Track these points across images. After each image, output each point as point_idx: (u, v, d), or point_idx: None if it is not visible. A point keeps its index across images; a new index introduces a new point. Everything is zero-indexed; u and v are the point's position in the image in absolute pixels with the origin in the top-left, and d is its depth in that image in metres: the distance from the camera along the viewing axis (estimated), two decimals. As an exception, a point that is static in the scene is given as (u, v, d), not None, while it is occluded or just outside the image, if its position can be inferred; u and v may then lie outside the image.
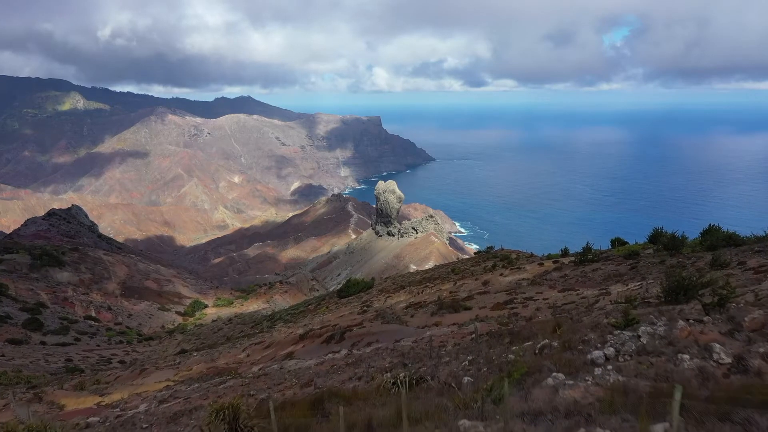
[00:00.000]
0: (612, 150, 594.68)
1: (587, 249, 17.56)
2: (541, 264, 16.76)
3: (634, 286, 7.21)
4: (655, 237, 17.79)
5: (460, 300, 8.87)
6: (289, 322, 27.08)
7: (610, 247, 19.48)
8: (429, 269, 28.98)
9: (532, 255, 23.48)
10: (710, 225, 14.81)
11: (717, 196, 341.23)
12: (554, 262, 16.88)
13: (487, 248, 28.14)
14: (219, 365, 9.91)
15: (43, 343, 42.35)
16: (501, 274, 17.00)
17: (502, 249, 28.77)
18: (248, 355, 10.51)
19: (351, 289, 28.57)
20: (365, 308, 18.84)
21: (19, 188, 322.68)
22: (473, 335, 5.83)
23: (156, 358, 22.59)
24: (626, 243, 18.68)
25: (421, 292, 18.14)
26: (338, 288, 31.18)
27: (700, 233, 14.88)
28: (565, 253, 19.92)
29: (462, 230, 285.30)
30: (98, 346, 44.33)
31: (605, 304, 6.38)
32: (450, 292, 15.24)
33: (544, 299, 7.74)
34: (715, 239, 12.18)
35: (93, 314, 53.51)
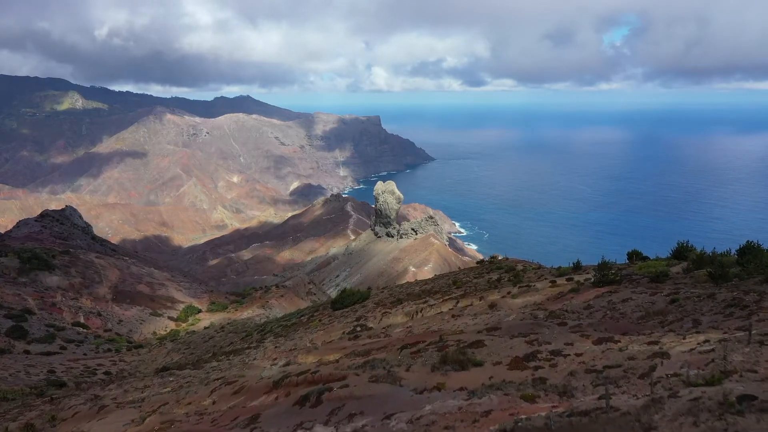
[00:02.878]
0: (612, 150, 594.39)
1: (604, 265, 15.89)
2: (553, 282, 15.08)
3: (699, 344, 5.56)
4: (680, 252, 16.16)
5: (467, 346, 7.23)
6: (279, 336, 25.46)
7: (627, 261, 17.83)
8: (428, 280, 27.41)
9: (539, 267, 21.77)
10: (748, 242, 13.10)
11: (717, 196, 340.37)
12: (567, 280, 15.20)
13: (491, 258, 26.54)
14: (175, 418, 8.38)
15: (27, 352, 40.66)
16: (509, 293, 15.31)
17: (507, 258, 27.15)
18: (214, 402, 8.91)
19: (346, 300, 26.93)
20: (358, 329, 17.20)
21: (17, 188, 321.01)
22: (492, 435, 4.24)
23: (130, 384, 20.93)
24: (646, 258, 16.95)
25: (420, 312, 16.48)
26: (333, 298, 29.50)
27: (737, 252, 13.24)
28: (577, 267, 18.23)
29: (461, 230, 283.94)
30: (85, 355, 42.64)
31: (670, 376, 4.74)
32: (453, 315, 13.57)
33: (576, 355, 6.11)
34: (775, 267, 10.40)
35: (82, 320, 51.82)
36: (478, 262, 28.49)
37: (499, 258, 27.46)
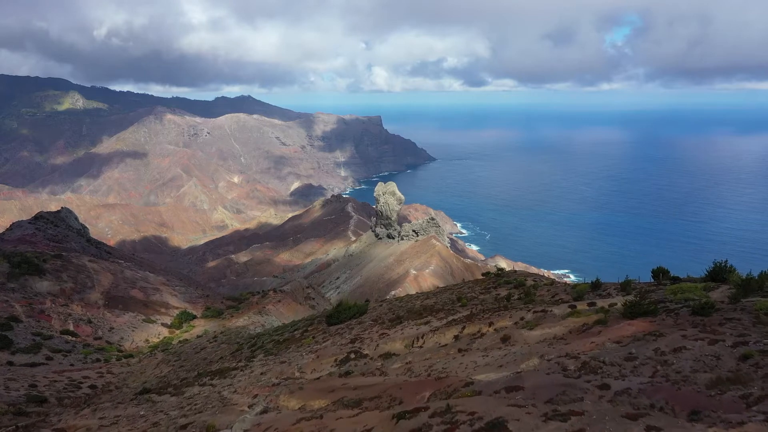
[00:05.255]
0: (613, 150, 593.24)
1: (627, 284, 14.08)
2: (573, 308, 13.22)
3: None
4: (717, 273, 14.24)
5: (484, 428, 5.54)
6: (270, 353, 23.76)
7: (652, 280, 15.98)
8: (430, 293, 25.63)
9: (552, 283, 19.84)
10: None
11: (718, 197, 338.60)
12: (589, 305, 13.36)
13: (498, 270, 24.75)
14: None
15: (10, 363, 38.91)
16: (522, 319, 13.48)
17: (515, 271, 25.25)
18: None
19: (341, 314, 25.16)
20: (352, 356, 15.42)
21: (17, 188, 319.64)
22: None
23: (103, 412, 19.23)
24: (676, 278, 14.97)
25: (422, 338, 14.68)
26: (329, 311, 27.67)
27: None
28: (596, 285, 16.38)
29: (463, 231, 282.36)
30: (72, 365, 40.89)
31: None
32: (459, 350, 11.78)
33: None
34: None
35: (71, 328, 50.08)
36: (484, 275, 26.72)
37: (507, 270, 25.68)
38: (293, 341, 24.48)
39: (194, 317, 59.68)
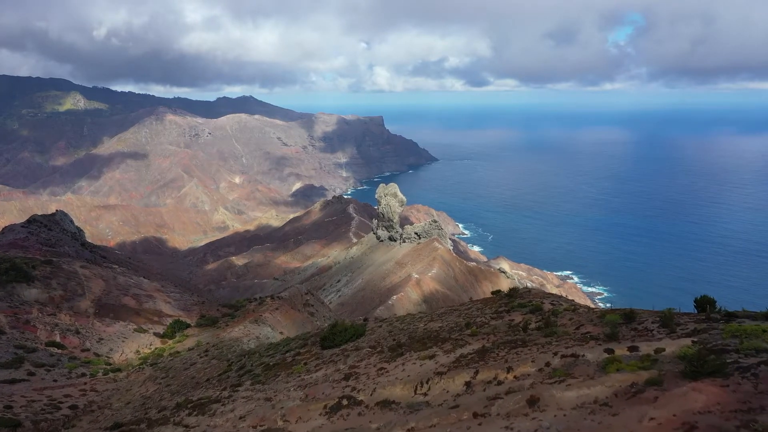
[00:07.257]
0: (616, 151, 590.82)
1: (669, 319, 11.71)
2: (610, 353, 10.88)
3: None
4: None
5: None
6: (257, 381, 21.55)
7: (697, 311, 13.66)
8: (436, 314, 23.31)
9: (574, 309, 17.28)
10: None
11: (721, 197, 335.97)
12: (630, 350, 11.01)
13: (510, 290, 22.41)
14: None
15: (-12, 380, 36.64)
16: (548, 365, 11.19)
17: (529, 290, 22.99)
18: None
19: (336, 338, 22.94)
20: (344, 402, 13.13)
21: (17, 189, 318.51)
22: None
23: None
24: (731, 314, 12.51)
25: (426, 383, 12.39)
26: (324, 332, 25.36)
27: None
28: (629, 317, 13.96)
29: (465, 232, 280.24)
30: (55, 381, 38.71)
31: None
32: (474, 414, 9.50)
33: None
34: None
35: (57, 339, 47.88)
36: (494, 293, 24.42)
37: (520, 288, 23.39)
38: (283, 367, 22.23)
39: (188, 326, 57.40)
